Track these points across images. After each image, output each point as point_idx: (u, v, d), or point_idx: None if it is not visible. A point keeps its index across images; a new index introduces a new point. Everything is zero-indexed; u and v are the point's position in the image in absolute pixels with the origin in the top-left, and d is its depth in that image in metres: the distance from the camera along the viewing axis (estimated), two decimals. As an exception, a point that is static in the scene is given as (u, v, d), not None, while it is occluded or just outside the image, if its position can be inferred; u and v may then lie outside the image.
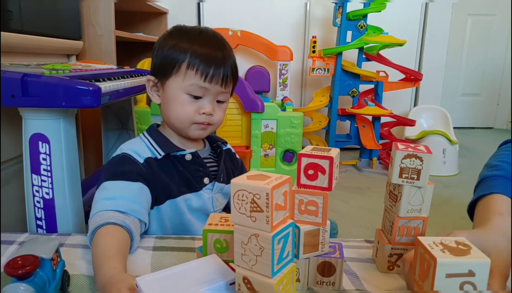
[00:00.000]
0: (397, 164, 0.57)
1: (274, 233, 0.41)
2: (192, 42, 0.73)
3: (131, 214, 0.67)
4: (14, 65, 0.89)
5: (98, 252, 0.58)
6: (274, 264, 0.41)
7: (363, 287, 0.59)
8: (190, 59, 0.72)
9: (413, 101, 3.00)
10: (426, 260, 0.43)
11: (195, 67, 0.71)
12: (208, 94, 0.74)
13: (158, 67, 0.76)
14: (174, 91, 0.74)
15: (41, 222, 0.86)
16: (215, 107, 0.76)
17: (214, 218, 0.58)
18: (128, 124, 1.53)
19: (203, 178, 0.79)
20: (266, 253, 0.41)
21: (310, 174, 0.54)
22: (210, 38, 0.75)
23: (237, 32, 2.34)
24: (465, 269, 0.41)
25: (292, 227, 0.44)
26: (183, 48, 0.72)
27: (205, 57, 0.72)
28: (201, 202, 0.78)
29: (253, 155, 2.10)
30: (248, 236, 0.42)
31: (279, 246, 0.42)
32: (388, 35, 2.23)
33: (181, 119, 0.75)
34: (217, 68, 0.72)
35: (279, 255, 0.42)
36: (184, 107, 0.74)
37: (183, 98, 0.73)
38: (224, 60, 0.74)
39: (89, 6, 1.52)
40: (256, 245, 0.41)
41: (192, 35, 0.75)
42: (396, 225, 0.59)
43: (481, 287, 0.41)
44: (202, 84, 0.72)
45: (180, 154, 0.77)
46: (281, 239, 0.42)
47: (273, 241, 0.40)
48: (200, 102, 0.74)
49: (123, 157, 0.74)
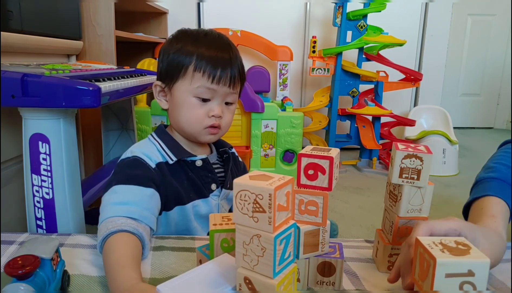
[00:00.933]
0: (397, 164, 0.57)
1: (276, 233, 0.41)
2: (198, 45, 0.72)
3: (143, 221, 0.65)
4: (14, 65, 0.89)
5: (111, 260, 0.56)
6: (275, 264, 0.41)
7: (363, 287, 0.59)
8: (197, 61, 0.71)
9: (413, 101, 3.00)
10: (426, 260, 0.43)
11: (202, 69, 0.71)
12: (217, 96, 0.73)
13: (165, 72, 0.75)
14: (182, 95, 0.73)
15: (41, 222, 0.86)
16: (224, 110, 0.75)
17: (216, 218, 0.58)
18: (128, 124, 1.54)
19: (211, 184, 0.78)
20: (268, 254, 0.41)
21: (310, 174, 0.54)
22: (215, 40, 0.75)
23: (237, 32, 2.34)
24: (465, 269, 0.41)
25: (294, 228, 0.44)
26: (189, 51, 0.72)
27: (212, 59, 0.71)
28: (208, 209, 0.77)
29: (253, 155, 2.11)
30: (250, 237, 0.42)
31: (281, 247, 0.42)
32: (388, 35, 2.24)
33: (192, 123, 0.74)
34: (224, 69, 0.72)
35: (280, 255, 0.42)
36: (194, 111, 0.73)
37: (191, 102, 0.72)
38: (230, 61, 0.73)
39: (89, 6, 1.52)
40: (258, 246, 0.41)
41: (197, 37, 0.74)
42: (396, 225, 0.59)
43: (481, 287, 0.41)
44: (210, 85, 0.71)
45: (191, 159, 0.76)
46: (283, 240, 0.42)
47: (275, 242, 0.40)
48: (208, 105, 0.73)
49: (135, 160, 0.71)
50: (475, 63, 3.68)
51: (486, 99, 3.79)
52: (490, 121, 3.87)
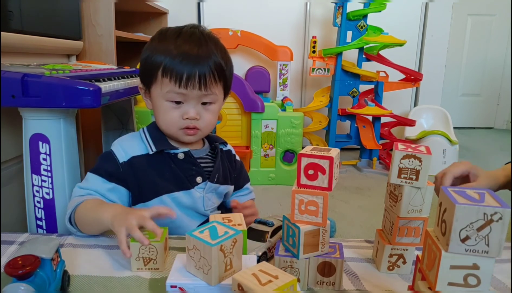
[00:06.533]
0: (396, 164, 0.57)
1: None
2: (168, 47, 0.71)
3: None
4: (14, 65, 0.89)
5: (89, 211, 0.69)
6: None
7: (363, 287, 0.59)
8: (164, 65, 0.71)
9: (413, 101, 3.00)
10: (433, 251, 0.44)
11: (168, 74, 0.70)
12: (189, 99, 0.73)
13: (142, 75, 0.78)
14: (156, 99, 0.75)
15: (41, 222, 0.86)
16: (201, 111, 0.74)
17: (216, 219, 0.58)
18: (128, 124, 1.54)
19: (196, 177, 0.79)
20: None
21: (310, 174, 0.54)
22: (187, 39, 0.72)
23: (237, 32, 2.34)
24: (470, 262, 0.41)
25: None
26: (159, 55, 0.72)
27: (179, 62, 0.70)
28: (191, 201, 0.79)
29: (253, 155, 2.11)
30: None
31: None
32: (388, 35, 2.23)
33: (168, 126, 0.76)
34: (191, 74, 0.70)
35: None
36: (168, 114, 0.74)
37: (165, 106, 0.73)
38: (199, 60, 0.70)
39: (89, 6, 1.52)
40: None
41: (169, 38, 0.73)
42: (396, 225, 0.59)
43: (485, 280, 0.41)
44: (178, 90, 0.71)
45: (173, 152, 0.78)
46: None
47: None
48: (183, 107, 0.73)
49: (109, 153, 0.77)
50: (475, 63, 3.68)
51: (486, 99, 3.79)
52: (490, 121, 3.86)
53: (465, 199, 0.41)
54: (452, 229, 0.40)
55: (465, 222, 0.40)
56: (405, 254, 0.61)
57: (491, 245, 0.40)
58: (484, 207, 0.40)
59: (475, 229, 0.40)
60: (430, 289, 0.44)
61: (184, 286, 0.50)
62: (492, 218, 0.40)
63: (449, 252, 0.41)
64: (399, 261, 0.62)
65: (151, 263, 0.61)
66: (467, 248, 0.41)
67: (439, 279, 0.42)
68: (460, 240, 0.41)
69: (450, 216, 0.40)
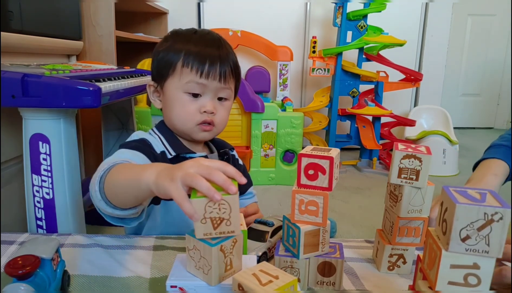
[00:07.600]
0: (396, 164, 0.57)
1: None
2: (186, 42, 0.73)
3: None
4: (15, 66, 0.89)
5: (124, 171, 0.56)
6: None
7: (363, 287, 0.59)
8: (185, 57, 0.71)
9: (413, 101, 3.00)
10: (434, 250, 0.44)
11: (190, 64, 0.71)
12: (208, 91, 0.73)
13: (156, 72, 0.76)
14: (173, 92, 0.73)
15: (41, 222, 0.86)
16: (217, 106, 0.75)
17: None
18: (128, 125, 1.54)
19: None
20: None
21: (310, 174, 0.54)
22: (204, 36, 0.75)
23: (237, 32, 2.34)
24: (470, 261, 0.41)
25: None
26: (178, 49, 0.72)
27: (199, 54, 0.71)
28: None
29: (253, 155, 2.11)
30: None
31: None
32: (388, 35, 2.23)
33: (184, 120, 0.73)
34: (213, 64, 0.71)
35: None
36: (185, 107, 0.72)
37: (182, 98, 0.72)
38: (219, 57, 0.72)
39: (89, 6, 1.52)
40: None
41: (186, 35, 0.75)
42: (396, 225, 0.59)
43: (486, 280, 0.41)
44: (198, 80, 0.71)
45: (190, 156, 0.76)
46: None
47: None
48: (200, 100, 0.73)
49: (143, 140, 0.73)
50: (475, 63, 3.68)
51: (486, 100, 3.79)
52: (490, 121, 3.87)
53: (466, 199, 0.41)
54: (453, 228, 0.40)
55: (466, 221, 0.40)
56: (405, 254, 0.61)
57: (491, 245, 0.40)
58: (485, 207, 0.40)
59: (476, 228, 0.40)
60: (431, 288, 0.44)
61: (184, 286, 0.50)
62: (492, 218, 0.40)
63: (449, 251, 0.41)
64: (399, 261, 0.62)
65: (223, 225, 0.46)
66: (468, 248, 0.41)
67: (439, 278, 0.42)
68: (461, 239, 0.41)
69: (451, 215, 0.40)
